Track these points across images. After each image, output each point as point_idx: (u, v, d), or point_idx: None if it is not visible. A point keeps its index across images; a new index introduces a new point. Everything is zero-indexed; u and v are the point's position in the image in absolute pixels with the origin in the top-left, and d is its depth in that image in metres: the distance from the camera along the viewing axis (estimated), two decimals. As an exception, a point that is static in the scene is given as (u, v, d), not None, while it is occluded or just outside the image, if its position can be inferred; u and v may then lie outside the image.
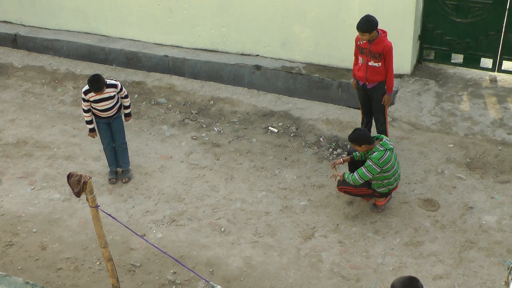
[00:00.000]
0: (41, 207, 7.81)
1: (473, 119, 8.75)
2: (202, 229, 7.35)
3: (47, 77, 10.80)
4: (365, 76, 7.75)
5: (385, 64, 7.62)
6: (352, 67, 8.21)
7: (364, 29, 7.40)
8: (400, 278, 4.41)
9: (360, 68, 7.80)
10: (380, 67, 7.64)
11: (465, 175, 7.86)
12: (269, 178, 8.11)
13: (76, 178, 5.26)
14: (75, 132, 9.19)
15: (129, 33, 11.06)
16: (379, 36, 7.51)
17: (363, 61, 7.71)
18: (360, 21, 7.45)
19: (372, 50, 7.55)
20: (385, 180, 7.00)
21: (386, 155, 6.81)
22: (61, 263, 7.00)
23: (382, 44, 7.51)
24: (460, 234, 7.04)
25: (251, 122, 9.23)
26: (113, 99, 7.78)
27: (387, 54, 7.54)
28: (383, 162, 6.80)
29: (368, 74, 7.72)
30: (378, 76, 7.71)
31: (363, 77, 7.78)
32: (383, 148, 6.84)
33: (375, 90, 7.83)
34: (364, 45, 7.60)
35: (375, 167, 6.81)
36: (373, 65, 7.63)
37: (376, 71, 7.68)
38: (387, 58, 7.57)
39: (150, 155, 8.65)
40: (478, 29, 9.19)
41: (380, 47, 7.51)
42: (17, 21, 11.97)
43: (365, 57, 7.65)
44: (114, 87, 7.70)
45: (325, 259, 6.86)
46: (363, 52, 7.65)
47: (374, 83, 7.77)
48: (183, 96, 9.98)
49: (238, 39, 10.22)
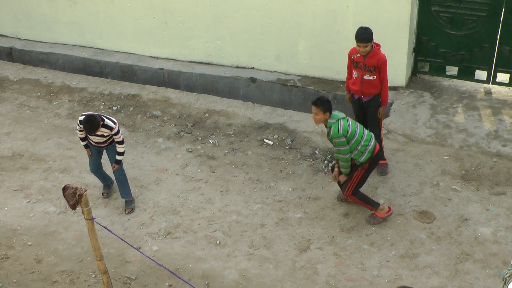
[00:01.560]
0: (37, 220, 7.79)
1: (468, 131, 8.78)
2: (197, 242, 7.34)
3: (42, 90, 10.80)
4: (360, 89, 7.75)
5: (380, 77, 7.63)
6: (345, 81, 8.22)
7: (366, 38, 7.37)
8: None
9: (355, 82, 7.79)
10: (375, 80, 7.64)
11: (461, 187, 7.88)
12: (264, 190, 8.11)
13: (71, 190, 5.26)
14: (70, 145, 9.19)
15: (124, 46, 11.08)
16: (373, 49, 7.52)
17: (358, 75, 7.70)
18: (359, 32, 7.42)
19: (367, 63, 7.55)
20: (358, 145, 7.00)
21: (341, 123, 6.86)
22: (57, 276, 6.97)
23: (377, 57, 7.52)
24: (455, 246, 7.04)
25: (246, 134, 9.24)
26: (106, 137, 7.51)
27: (382, 67, 7.55)
28: (344, 130, 6.85)
29: (364, 88, 7.72)
30: (374, 89, 7.72)
31: (359, 91, 7.78)
32: (335, 120, 6.88)
33: (371, 103, 7.83)
34: (359, 59, 7.60)
35: (341, 139, 6.87)
36: (368, 78, 7.64)
37: (372, 84, 7.68)
38: (382, 71, 7.58)
39: (146, 168, 8.65)
40: (472, 41, 9.24)
41: (375, 60, 7.52)
42: (13, 34, 11.98)
43: (360, 71, 7.64)
44: (109, 129, 7.31)
45: (320, 271, 6.86)
46: (358, 66, 7.65)
47: (369, 96, 7.78)
48: (178, 108, 9.99)
49: (233, 52, 10.25)
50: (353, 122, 7.02)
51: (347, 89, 8.06)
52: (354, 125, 7.00)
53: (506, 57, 9.20)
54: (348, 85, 7.99)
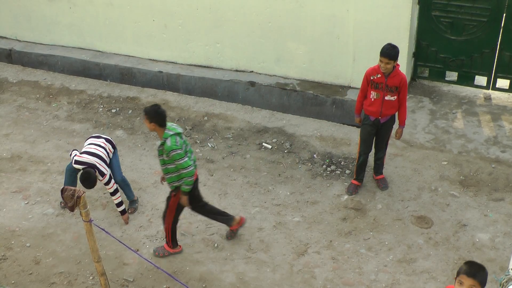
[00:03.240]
0: (35, 222, 7.79)
1: (467, 137, 8.79)
2: (195, 245, 7.34)
3: (41, 92, 10.81)
4: (380, 111, 7.48)
5: (399, 97, 7.43)
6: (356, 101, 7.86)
7: (391, 55, 7.10)
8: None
9: (373, 103, 7.50)
10: (395, 101, 7.44)
11: (459, 192, 7.88)
12: (262, 194, 8.11)
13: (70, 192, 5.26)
14: (69, 147, 9.18)
15: (124, 49, 11.09)
16: (394, 69, 7.29)
17: (378, 96, 7.42)
18: (386, 47, 7.14)
19: (389, 84, 7.32)
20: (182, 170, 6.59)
21: (177, 138, 6.49)
22: (55, 277, 6.96)
23: (399, 77, 7.31)
24: (453, 252, 7.05)
25: (245, 138, 9.24)
26: None
27: (403, 87, 7.36)
28: (180, 144, 6.49)
29: (384, 109, 7.47)
30: (392, 109, 7.51)
31: (378, 112, 7.50)
32: (172, 132, 6.52)
33: (387, 123, 7.64)
34: (380, 79, 7.33)
35: (177, 151, 6.44)
36: (390, 99, 7.41)
37: (391, 105, 7.47)
38: (403, 91, 7.39)
39: (144, 171, 8.64)
40: (472, 46, 9.25)
41: (397, 81, 7.30)
42: (12, 36, 11.99)
43: (381, 92, 7.39)
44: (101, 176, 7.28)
45: (318, 275, 6.85)
46: (378, 87, 7.38)
47: (387, 117, 7.58)
48: (177, 112, 9.99)
49: (232, 55, 10.25)
50: (186, 142, 6.66)
51: (357, 111, 7.78)
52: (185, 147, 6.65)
53: (506, 63, 9.21)
54: (360, 106, 7.72)
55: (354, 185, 8.03)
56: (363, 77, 7.51)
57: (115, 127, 9.64)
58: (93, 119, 9.89)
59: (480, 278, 4.59)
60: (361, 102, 7.69)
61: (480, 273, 4.61)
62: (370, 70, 7.43)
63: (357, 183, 8.04)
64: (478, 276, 4.60)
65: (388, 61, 7.14)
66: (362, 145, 7.80)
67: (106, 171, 7.28)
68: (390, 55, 7.10)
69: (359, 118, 7.82)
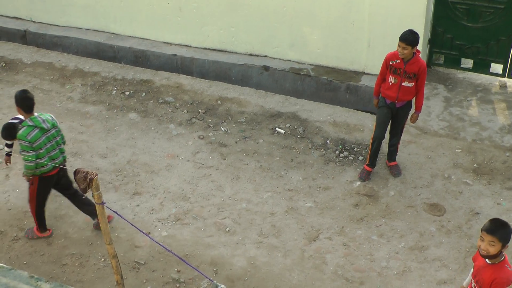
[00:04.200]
0: (48, 203, 7.81)
1: (481, 125, 8.73)
2: (207, 228, 7.35)
3: (55, 73, 10.82)
4: (396, 96, 7.48)
5: (417, 83, 7.41)
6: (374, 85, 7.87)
7: (409, 41, 7.06)
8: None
9: (391, 87, 7.49)
10: (413, 87, 7.43)
11: (472, 180, 7.84)
12: (275, 179, 8.11)
13: (82, 174, 5.26)
14: (82, 129, 9.21)
15: (138, 32, 11.07)
16: (414, 56, 7.27)
17: (395, 81, 7.41)
18: (405, 33, 7.11)
19: (407, 70, 7.30)
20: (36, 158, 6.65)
21: (33, 132, 6.53)
22: (66, 258, 7.01)
23: (418, 64, 7.28)
24: (465, 240, 7.02)
25: (258, 122, 9.22)
26: None
27: (422, 74, 7.33)
28: (32, 138, 6.51)
29: (400, 94, 7.46)
30: (409, 95, 7.50)
31: (394, 97, 7.50)
32: (32, 124, 6.56)
33: (403, 108, 7.62)
34: (399, 65, 7.32)
35: (24, 143, 6.50)
36: (407, 85, 7.39)
37: (409, 91, 7.46)
38: (421, 78, 7.36)
39: (157, 154, 8.66)
40: (488, 34, 9.16)
41: (416, 67, 7.28)
42: (27, 17, 12.00)
43: (399, 78, 7.37)
44: None
45: (329, 261, 6.85)
46: (397, 72, 7.36)
47: (403, 102, 7.57)
48: (190, 95, 9.98)
49: (247, 40, 10.21)
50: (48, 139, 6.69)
51: (376, 94, 7.77)
52: (45, 142, 6.67)
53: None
54: (378, 89, 7.71)
55: (367, 171, 8.00)
56: (383, 61, 7.51)
57: (128, 110, 9.65)
58: (106, 102, 9.90)
59: (500, 235, 4.66)
60: (379, 85, 7.70)
61: (501, 230, 4.68)
62: (390, 55, 7.42)
63: (370, 169, 8.01)
64: (497, 233, 4.68)
65: (405, 46, 7.10)
66: (376, 130, 7.77)
67: None
68: (407, 40, 7.07)
69: (377, 100, 7.80)
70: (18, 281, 2.80)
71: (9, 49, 11.63)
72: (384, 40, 9.00)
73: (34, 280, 2.76)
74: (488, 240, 4.66)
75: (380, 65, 7.66)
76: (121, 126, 9.26)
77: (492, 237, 4.65)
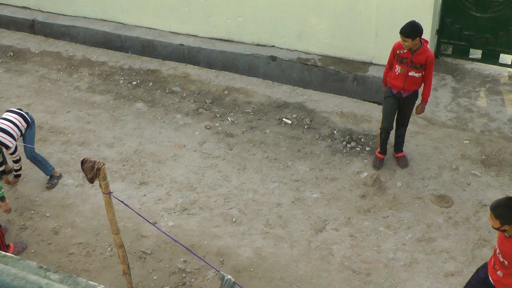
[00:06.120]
0: (55, 192, 7.84)
1: (490, 116, 8.68)
2: (213, 219, 7.35)
3: (63, 63, 10.83)
4: (403, 86, 7.44)
5: (424, 74, 7.36)
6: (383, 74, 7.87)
7: (406, 33, 7.04)
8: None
9: (397, 77, 7.45)
10: (419, 77, 7.38)
11: (480, 172, 7.80)
12: (281, 169, 8.09)
13: (89, 164, 5.26)
14: (89, 119, 9.22)
15: (145, 21, 11.05)
16: (422, 46, 7.21)
17: (402, 70, 7.37)
18: (404, 25, 7.10)
19: (414, 60, 7.25)
20: None
21: None
22: (73, 248, 7.03)
23: (425, 54, 7.21)
24: (473, 232, 6.99)
25: (265, 113, 9.21)
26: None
27: (429, 65, 7.26)
28: None
29: (407, 84, 7.42)
30: (416, 85, 7.45)
31: (400, 87, 7.46)
32: None
33: (409, 98, 7.57)
34: (405, 54, 7.28)
35: None
36: (413, 75, 7.34)
37: (415, 81, 7.41)
38: (428, 69, 7.29)
39: (164, 143, 8.65)
40: (498, 24, 9.09)
41: (423, 58, 7.22)
42: (35, 7, 11.99)
43: (405, 67, 7.33)
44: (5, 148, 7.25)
45: (336, 252, 6.84)
46: (403, 62, 7.33)
47: (409, 92, 7.51)
48: (197, 85, 9.97)
49: (254, 30, 10.18)
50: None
51: (384, 82, 7.76)
52: None
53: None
54: (386, 78, 7.68)
55: (380, 159, 8.01)
56: (391, 49, 7.48)
57: (135, 100, 9.65)
58: (113, 91, 9.90)
59: (497, 213, 4.92)
60: (386, 74, 7.68)
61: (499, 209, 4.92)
62: (397, 44, 7.37)
63: (382, 156, 8.00)
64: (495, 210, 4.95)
65: (404, 38, 7.08)
66: (384, 121, 7.74)
67: (11, 144, 7.20)
68: (405, 33, 7.05)
69: (385, 88, 7.79)
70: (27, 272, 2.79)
71: (17, 39, 11.65)
72: (391, 30, 8.94)
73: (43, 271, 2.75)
74: (490, 213, 4.99)
75: (388, 55, 7.63)
76: (128, 116, 9.27)
77: (491, 212, 4.97)
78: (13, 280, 2.74)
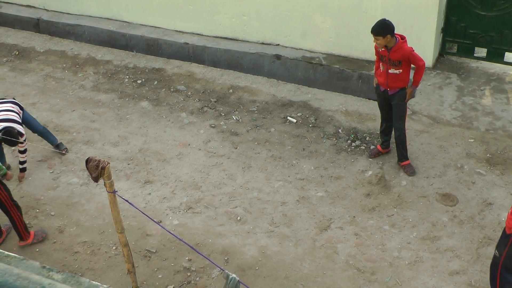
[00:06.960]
0: (60, 191, 7.86)
1: (495, 114, 8.66)
2: (218, 217, 7.36)
3: (68, 61, 10.84)
4: (386, 83, 7.52)
5: (408, 68, 7.37)
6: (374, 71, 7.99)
7: (376, 31, 7.12)
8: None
9: (381, 74, 7.56)
10: (401, 74, 7.40)
11: (485, 170, 7.79)
12: (286, 168, 8.09)
13: (94, 163, 5.27)
14: (94, 117, 9.23)
15: (150, 20, 11.06)
16: (397, 43, 7.23)
17: (383, 68, 7.47)
18: (374, 24, 7.19)
19: (391, 57, 7.29)
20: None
21: None
22: (78, 246, 7.04)
23: (401, 51, 7.24)
24: (478, 230, 6.98)
25: (270, 111, 9.20)
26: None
27: (410, 58, 7.25)
28: None
29: (389, 81, 7.47)
30: (400, 82, 7.46)
31: (384, 84, 7.54)
32: None
33: (396, 96, 7.57)
34: (383, 52, 7.35)
35: None
36: (394, 72, 7.39)
37: (397, 78, 7.43)
38: (412, 61, 7.28)
39: (168, 142, 8.66)
40: (503, 22, 9.07)
41: (399, 54, 7.25)
42: (40, 5, 12.02)
43: (385, 65, 7.41)
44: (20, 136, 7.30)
45: (340, 251, 6.84)
46: (383, 60, 7.42)
47: (395, 89, 7.52)
48: (202, 84, 9.97)
49: (258, 28, 10.18)
50: None
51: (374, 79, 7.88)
52: None
53: (537, 40, 9.03)
54: (376, 75, 7.77)
55: (377, 150, 8.12)
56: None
57: (140, 98, 9.66)
58: (118, 90, 9.91)
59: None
60: (375, 71, 7.82)
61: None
62: None
63: (381, 149, 8.10)
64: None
65: (375, 36, 7.18)
66: (381, 112, 7.97)
67: (23, 131, 7.43)
68: (374, 31, 7.15)
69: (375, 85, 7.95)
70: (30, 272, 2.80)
71: (22, 37, 11.67)
72: (396, 29, 8.86)
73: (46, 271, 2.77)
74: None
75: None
76: (133, 115, 9.28)
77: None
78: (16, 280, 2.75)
